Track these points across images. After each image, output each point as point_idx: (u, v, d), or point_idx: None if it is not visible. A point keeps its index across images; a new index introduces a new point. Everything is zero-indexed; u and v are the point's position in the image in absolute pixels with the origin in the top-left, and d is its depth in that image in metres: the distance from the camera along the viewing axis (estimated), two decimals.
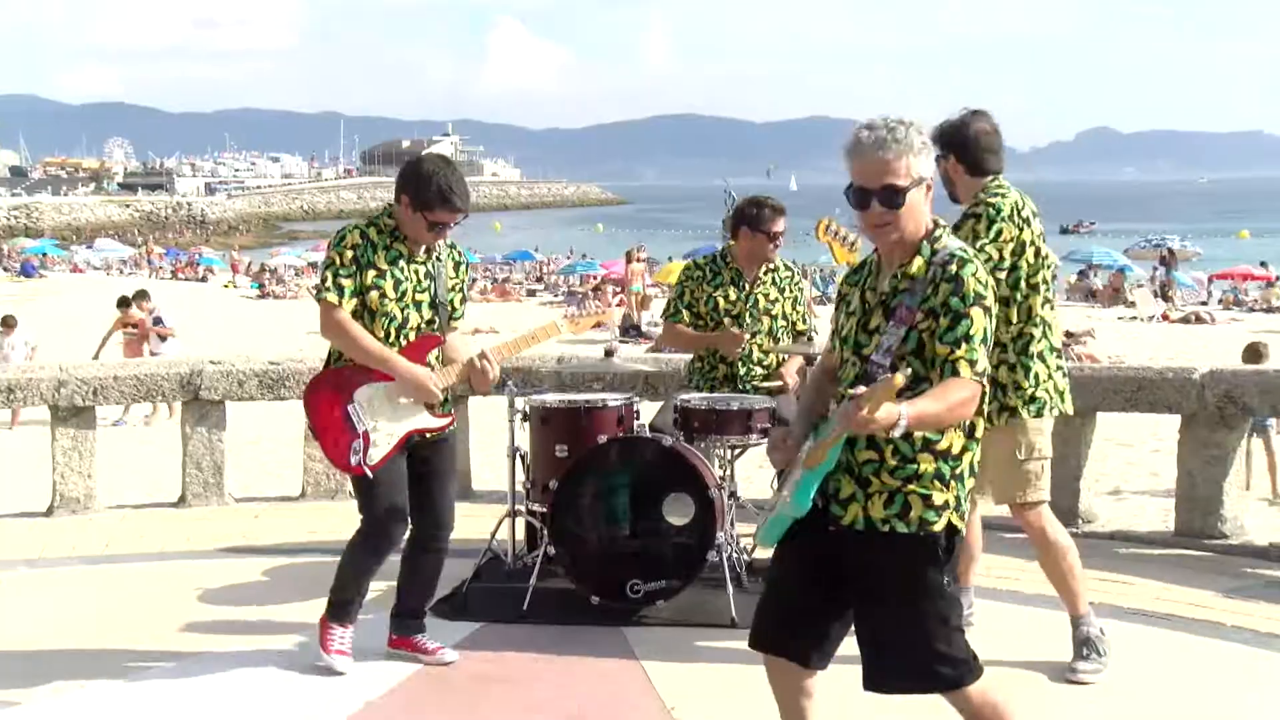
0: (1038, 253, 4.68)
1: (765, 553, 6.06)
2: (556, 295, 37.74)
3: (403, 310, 4.62)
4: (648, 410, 6.44)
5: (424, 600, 4.93)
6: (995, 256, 4.56)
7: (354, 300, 4.57)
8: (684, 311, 6.18)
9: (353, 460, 4.61)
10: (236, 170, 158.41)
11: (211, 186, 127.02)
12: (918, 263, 3.31)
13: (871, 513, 3.30)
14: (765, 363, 6.16)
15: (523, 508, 5.99)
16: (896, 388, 2.96)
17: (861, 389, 3.01)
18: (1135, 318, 28.30)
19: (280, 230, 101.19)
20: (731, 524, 5.84)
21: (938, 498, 3.29)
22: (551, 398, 5.96)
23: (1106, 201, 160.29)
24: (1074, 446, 6.76)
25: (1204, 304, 33.49)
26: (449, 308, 4.73)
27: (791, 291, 6.25)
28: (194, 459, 7.57)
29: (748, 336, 6.07)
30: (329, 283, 4.57)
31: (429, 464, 4.75)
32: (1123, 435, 12.43)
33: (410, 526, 4.78)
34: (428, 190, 4.51)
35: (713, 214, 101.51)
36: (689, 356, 6.47)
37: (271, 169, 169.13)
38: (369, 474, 4.60)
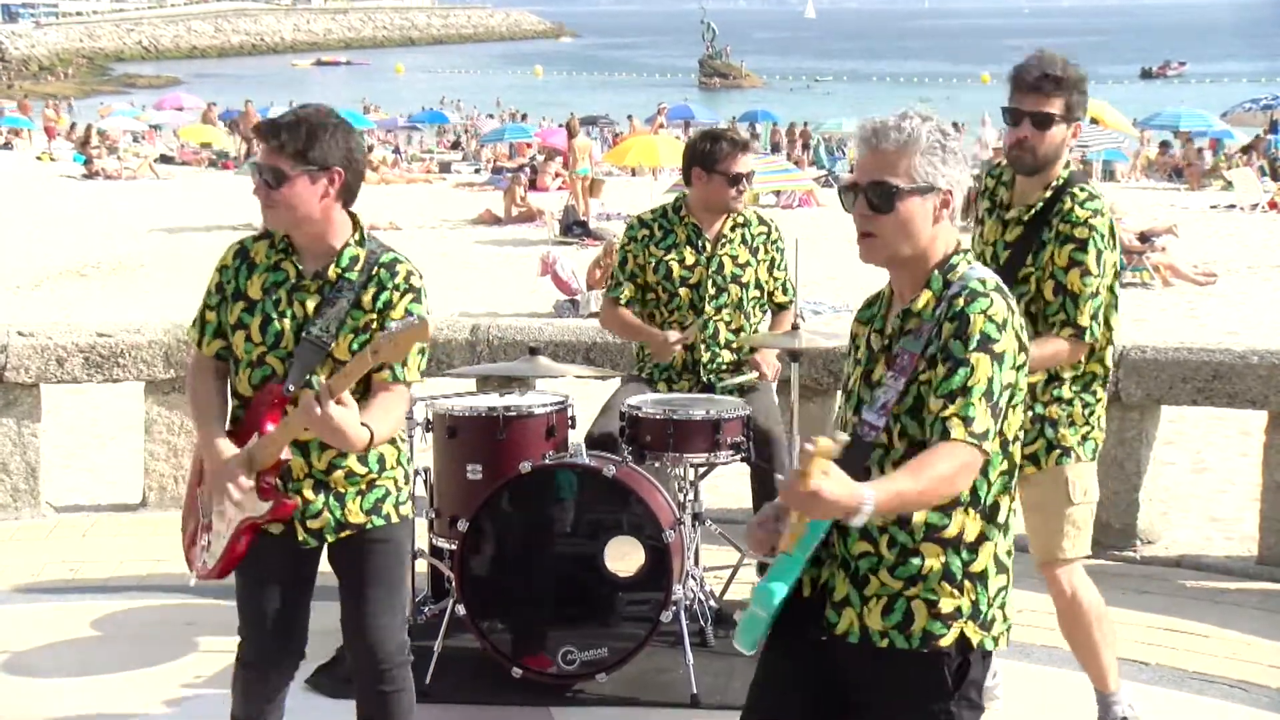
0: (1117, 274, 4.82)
1: (736, 594, 6.25)
2: (479, 171, 37.60)
3: (284, 362, 4.22)
4: (593, 397, 6.53)
5: None
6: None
7: (217, 341, 4.34)
8: (626, 285, 6.27)
9: (196, 558, 4.43)
10: None
11: (12, 10, 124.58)
12: (925, 297, 3.44)
13: (868, 622, 3.43)
14: (736, 344, 6.28)
15: (424, 547, 6.14)
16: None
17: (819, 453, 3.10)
18: (1233, 205, 28.47)
19: (111, 74, 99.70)
20: (695, 559, 5.99)
21: (946, 604, 3.41)
22: (460, 403, 6.07)
23: (1205, 31, 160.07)
24: (1132, 448, 6.96)
25: None
26: (324, 349, 4.18)
27: (768, 253, 6.36)
28: None
29: (698, 332, 6.15)
30: (194, 317, 4.39)
31: (349, 574, 4.39)
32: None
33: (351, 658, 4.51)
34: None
35: (686, 51, 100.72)
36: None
37: None
38: (196, 580, 4.45)
